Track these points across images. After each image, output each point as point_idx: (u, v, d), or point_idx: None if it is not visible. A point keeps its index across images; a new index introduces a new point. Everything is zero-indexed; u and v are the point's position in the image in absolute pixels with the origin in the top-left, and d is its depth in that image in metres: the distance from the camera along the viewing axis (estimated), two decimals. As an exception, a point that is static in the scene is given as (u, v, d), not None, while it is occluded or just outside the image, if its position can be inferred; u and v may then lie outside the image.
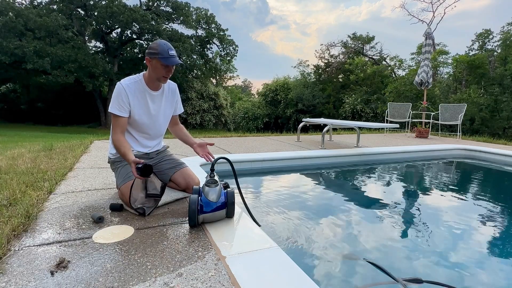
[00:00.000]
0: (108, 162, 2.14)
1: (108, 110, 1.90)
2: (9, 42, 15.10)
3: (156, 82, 1.96)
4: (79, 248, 1.40)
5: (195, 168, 2.88)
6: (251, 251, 1.40)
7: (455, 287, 1.51)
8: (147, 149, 2.11)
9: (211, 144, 2.17)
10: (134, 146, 2.04)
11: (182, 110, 2.26)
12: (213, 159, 2.11)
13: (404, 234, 2.16)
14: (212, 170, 1.71)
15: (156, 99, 2.02)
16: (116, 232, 1.57)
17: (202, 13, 23.02)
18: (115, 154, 2.03)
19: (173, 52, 1.85)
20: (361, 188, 3.35)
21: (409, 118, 7.57)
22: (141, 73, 1.99)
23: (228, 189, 1.74)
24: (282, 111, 19.71)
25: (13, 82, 21.66)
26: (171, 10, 21.48)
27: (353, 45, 19.93)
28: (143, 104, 1.97)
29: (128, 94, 1.89)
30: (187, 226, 1.67)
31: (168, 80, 2.05)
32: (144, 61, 1.95)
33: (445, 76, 15.75)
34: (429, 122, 7.43)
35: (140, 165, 1.70)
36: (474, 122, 11.51)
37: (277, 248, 1.44)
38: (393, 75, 18.41)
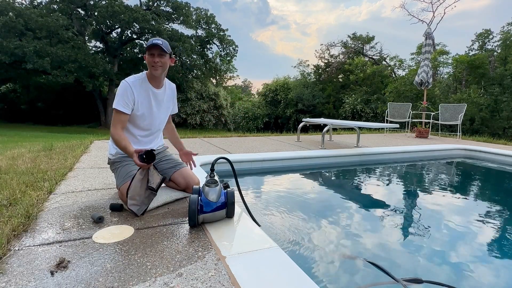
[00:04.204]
0: (108, 163, 2.15)
1: (113, 106, 1.92)
2: (9, 42, 15.07)
3: (153, 77, 2.01)
4: (79, 248, 1.40)
5: (195, 168, 2.87)
6: (251, 251, 1.40)
7: (455, 287, 1.51)
8: (147, 146, 2.12)
9: (195, 154, 2.31)
10: (134, 145, 2.05)
11: (177, 111, 2.37)
12: (195, 166, 2.35)
13: (404, 234, 2.16)
14: (212, 170, 1.72)
15: (158, 96, 2.07)
16: (116, 232, 1.57)
17: (202, 13, 23.02)
18: (115, 154, 2.05)
19: (157, 40, 1.90)
20: (361, 188, 3.35)
21: (409, 118, 7.57)
22: (144, 72, 2.05)
23: (228, 189, 1.74)
24: (282, 111, 19.69)
25: (13, 82, 21.60)
26: (171, 10, 21.47)
27: (353, 45, 19.92)
28: (147, 101, 2.02)
29: (133, 91, 1.94)
30: (187, 226, 1.67)
31: (168, 81, 2.17)
32: (144, 61, 2.01)
33: (445, 76, 15.74)
34: (429, 122, 7.43)
35: (141, 153, 1.75)
36: (474, 122, 11.50)
37: (277, 248, 1.44)
38: (393, 75, 18.40)
